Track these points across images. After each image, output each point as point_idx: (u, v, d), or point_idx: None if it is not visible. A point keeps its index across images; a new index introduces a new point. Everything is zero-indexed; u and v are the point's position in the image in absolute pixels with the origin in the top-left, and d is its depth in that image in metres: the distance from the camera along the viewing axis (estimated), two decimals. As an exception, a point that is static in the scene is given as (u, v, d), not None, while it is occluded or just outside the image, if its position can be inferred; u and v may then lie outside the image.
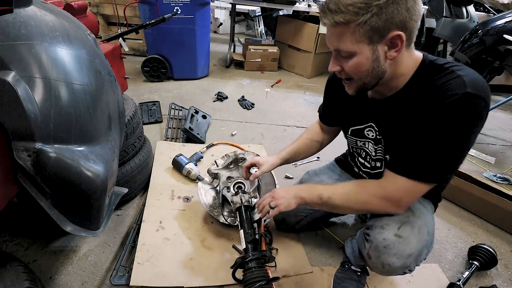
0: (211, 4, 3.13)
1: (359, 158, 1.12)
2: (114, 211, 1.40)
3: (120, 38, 2.33)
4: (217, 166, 1.36)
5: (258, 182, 1.34)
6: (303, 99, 3.05)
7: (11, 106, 0.64)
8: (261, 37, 4.75)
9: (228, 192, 1.28)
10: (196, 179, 1.58)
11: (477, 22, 3.29)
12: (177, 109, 2.33)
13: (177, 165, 1.63)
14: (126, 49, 2.65)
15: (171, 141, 1.98)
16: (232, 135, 2.21)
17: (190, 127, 2.00)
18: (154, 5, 2.63)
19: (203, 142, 2.02)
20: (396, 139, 0.90)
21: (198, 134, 2.01)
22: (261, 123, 2.45)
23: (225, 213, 1.29)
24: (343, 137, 1.16)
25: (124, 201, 1.46)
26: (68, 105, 0.73)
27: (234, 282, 1.05)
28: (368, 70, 0.79)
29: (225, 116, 2.50)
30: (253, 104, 2.76)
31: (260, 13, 4.94)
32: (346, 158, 1.28)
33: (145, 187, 1.55)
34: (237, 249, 1.25)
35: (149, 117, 2.26)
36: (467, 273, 1.25)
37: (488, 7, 3.86)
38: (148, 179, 1.57)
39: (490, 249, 1.30)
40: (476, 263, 1.29)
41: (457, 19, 3.37)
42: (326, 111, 1.19)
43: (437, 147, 0.78)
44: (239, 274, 1.03)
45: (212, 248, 1.25)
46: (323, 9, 0.76)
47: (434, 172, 0.81)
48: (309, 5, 3.35)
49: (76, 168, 0.73)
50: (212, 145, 1.95)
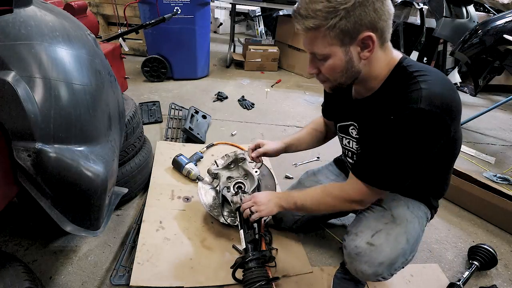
0: (211, 4, 3.13)
1: (347, 158, 1.15)
2: (114, 211, 1.40)
3: (120, 38, 2.34)
4: (217, 166, 1.36)
5: (258, 183, 1.33)
6: (303, 99, 3.05)
7: (11, 106, 0.64)
8: (261, 37, 4.75)
9: (228, 192, 1.28)
10: (196, 179, 1.58)
11: (477, 22, 3.29)
12: (177, 109, 2.33)
13: (177, 165, 1.63)
14: (126, 49, 2.65)
15: (171, 141, 1.98)
16: (232, 135, 2.21)
17: (190, 127, 2.00)
18: (154, 5, 2.63)
19: (203, 142, 2.02)
20: (368, 140, 0.94)
21: (198, 134, 2.01)
22: (261, 123, 2.45)
23: (225, 213, 1.29)
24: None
25: (124, 201, 1.46)
26: (68, 105, 0.73)
27: (234, 282, 1.05)
28: (343, 71, 0.82)
29: (225, 116, 2.50)
30: (253, 104, 2.76)
31: (260, 13, 4.94)
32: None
33: (145, 187, 1.55)
34: (237, 249, 1.25)
35: (149, 117, 2.26)
36: (467, 273, 1.25)
37: (488, 7, 3.86)
38: (148, 179, 1.57)
39: (490, 249, 1.30)
40: (476, 263, 1.29)
41: (457, 19, 3.38)
42: (325, 106, 1.23)
43: (387, 157, 0.82)
44: (239, 274, 1.03)
45: (212, 248, 1.25)
46: (295, 15, 0.79)
47: (385, 180, 0.86)
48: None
49: (76, 168, 0.73)
50: (212, 145, 1.95)
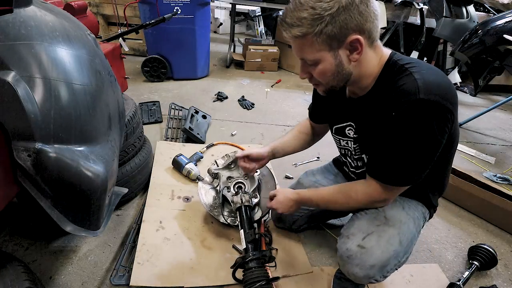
0: (211, 4, 3.13)
1: (345, 158, 1.15)
2: (114, 211, 1.40)
3: (120, 38, 2.33)
4: (218, 166, 1.36)
5: (259, 182, 1.34)
6: (303, 99, 3.05)
7: (11, 106, 0.64)
8: (261, 37, 4.75)
9: (229, 192, 1.28)
10: (196, 179, 1.58)
11: (477, 22, 3.29)
12: (177, 109, 2.33)
13: (177, 165, 1.63)
14: (126, 49, 2.65)
15: (171, 141, 1.98)
16: (232, 135, 2.21)
17: (190, 127, 2.00)
18: (154, 5, 2.63)
19: (203, 142, 2.02)
20: (368, 139, 0.95)
21: (198, 134, 2.01)
22: (261, 123, 2.45)
23: (225, 213, 1.29)
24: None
25: (124, 201, 1.46)
26: (68, 105, 0.73)
27: (234, 282, 1.05)
28: (334, 74, 0.83)
29: (225, 116, 2.50)
30: (253, 104, 2.76)
31: (260, 13, 4.94)
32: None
33: (145, 187, 1.55)
34: (237, 249, 1.25)
35: (149, 117, 2.26)
36: (467, 273, 1.25)
37: (488, 7, 3.86)
38: (148, 179, 1.57)
39: (490, 249, 1.30)
40: (476, 263, 1.29)
41: (457, 19, 3.38)
42: (314, 109, 1.22)
43: (400, 155, 0.82)
44: (239, 274, 1.03)
45: (212, 248, 1.25)
46: (281, 23, 0.80)
47: (404, 178, 0.86)
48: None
49: (76, 168, 0.73)
50: (212, 145, 1.95)
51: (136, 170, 1.44)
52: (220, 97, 2.80)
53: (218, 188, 1.32)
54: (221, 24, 5.67)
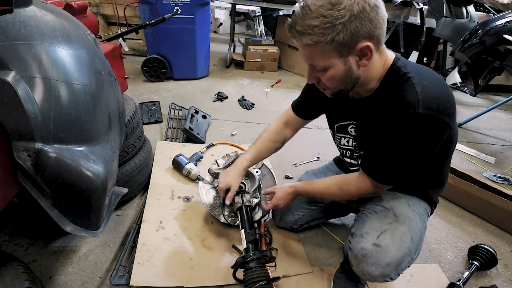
0: (211, 4, 3.13)
1: (346, 158, 1.16)
2: (114, 211, 1.40)
3: (120, 38, 2.33)
4: (218, 166, 1.36)
5: (259, 182, 1.34)
6: (303, 99, 3.05)
7: (11, 106, 0.64)
8: (261, 37, 4.75)
9: (229, 192, 1.28)
10: (196, 179, 1.58)
11: (477, 22, 3.29)
12: (177, 109, 2.33)
13: (177, 165, 1.63)
14: (126, 49, 2.65)
15: (171, 141, 1.98)
16: (232, 135, 2.21)
17: (190, 127, 2.00)
18: (154, 5, 2.63)
19: (203, 142, 2.02)
20: (367, 137, 0.99)
21: (198, 134, 2.01)
22: (261, 123, 2.45)
23: (226, 213, 1.29)
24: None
25: (124, 201, 1.46)
26: (68, 105, 0.73)
27: (235, 282, 1.05)
28: (342, 79, 0.84)
29: (225, 116, 2.50)
30: (253, 104, 2.76)
31: (260, 13, 4.94)
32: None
33: (145, 187, 1.55)
34: (238, 249, 1.25)
35: (149, 117, 2.26)
36: (467, 273, 1.25)
37: (488, 7, 3.86)
38: (148, 179, 1.57)
39: (490, 249, 1.30)
40: (476, 263, 1.29)
41: (457, 19, 3.38)
42: (306, 106, 1.21)
43: (394, 159, 0.87)
44: (240, 274, 1.03)
45: (212, 248, 1.25)
46: (291, 30, 0.79)
47: (393, 179, 0.92)
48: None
49: (76, 168, 0.73)
50: (212, 145, 1.95)
51: (136, 170, 1.44)
52: (220, 97, 2.80)
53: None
54: (221, 24, 5.67)
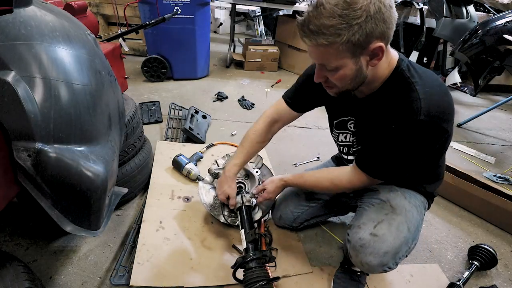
0: (211, 4, 3.13)
1: (344, 155, 1.17)
2: (114, 211, 1.40)
3: (120, 38, 2.33)
4: (218, 166, 1.36)
5: (259, 182, 1.34)
6: (303, 99, 3.05)
7: (11, 106, 0.64)
8: (261, 37, 4.75)
9: (229, 192, 1.27)
10: (196, 179, 1.58)
11: (477, 22, 3.29)
12: (177, 109, 2.33)
13: (177, 165, 1.63)
14: (126, 49, 2.65)
15: (171, 141, 1.98)
16: (232, 135, 2.21)
17: (190, 127, 2.00)
18: (154, 5, 2.63)
19: (203, 142, 2.02)
20: (366, 133, 1.01)
21: (198, 134, 2.01)
22: (261, 123, 2.45)
23: (226, 213, 1.29)
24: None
25: (124, 201, 1.46)
26: (68, 105, 0.73)
27: (235, 282, 1.05)
28: (352, 79, 0.84)
29: (225, 116, 2.50)
30: (253, 104, 2.76)
31: (260, 13, 4.94)
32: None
33: (145, 187, 1.55)
34: (237, 249, 1.25)
35: (149, 117, 2.26)
36: (467, 273, 1.25)
37: (488, 7, 3.86)
38: (148, 179, 1.57)
39: (490, 249, 1.30)
40: (476, 263, 1.29)
41: (457, 19, 3.38)
42: (301, 99, 1.22)
43: (390, 158, 0.90)
44: (240, 274, 1.03)
45: (212, 248, 1.25)
46: (303, 29, 0.77)
47: (387, 175, 0.96)
48: (309, 5, 3.34)
49: (76, 168, 0.73)
50: (212, 145, 1.95)
51: (136, 170, 1.44)
52: (220, 97, 2.80)
53: (218, 188, 1.32)
54: (221, 24, 5.67)
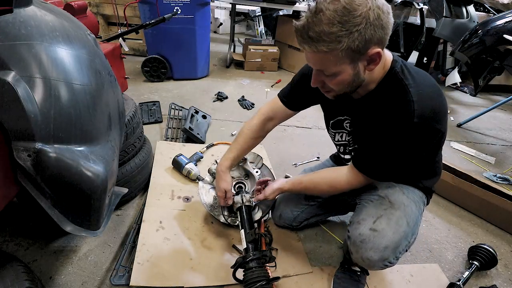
0: (211, 4, 3.13)
1: (341, 154, 1.19)
2: (114, 211, 1.40)
3: (120, 38, 2.33)
4: (217, 166, 1.36)
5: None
6: (303, 99, 3.05)
7: (11, 106, 0.64)
8: (261, 37, 4.75)
9: (229, 192, 1.28)
10: (196, 179, 1.58)
11: (477, 22, 3.29)
12: (177, 109, 2.33)
13: (177, 165, 1.63)
14: (126, 49, 2.65)
15: (171, 141, 1.98)
16: (232, 135, 2.21)
17: (190, 127, 2.00)
18: (154, 5, 2.63)
19: (203, 142, 2.02)
20: (361, 133, 1.02)
21: (198, 134, 2.01)
22: (261, 123, 2.45)
23: (226, 213, 1.29)
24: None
25: (124, 201, 1.46)
26: (68, 105, 0.73)
27: (235, 282, 1.05)
28: (350, 83, 0.85)
29: (225, 116, 2.50)
30: (253, 104, 2.76)
31: (260, 13, 4.95)
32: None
33: (145, 187, 1.55)
34: (237, 249, 1.25)
35: (149, 117, 2.26)
36: (467, 273, 1.25)
37: (488, 7, 3.86)
38: (148, 179, 1.57)
39: (490, 249, 1.30)
40: (476, 263, 1.29)
41: (457, 19, 3.38)
42: (297, 98, 1.19)
43: (386, 159, 0.92)
44: (240, 274, 1.03)
45: (212, 248, 1.25)
46: (302, 36, 0.77)
47: (383, 175, 0.99)
48: (309, 5, 3.35)
49: (76, 168, 0.73)
50: (212, 145, 1.95)
51: (136, 170, 1.44)
52: (220, 97, 2.80)
53: (218, 188, 1.32)
54: (221, 24, 5.67)
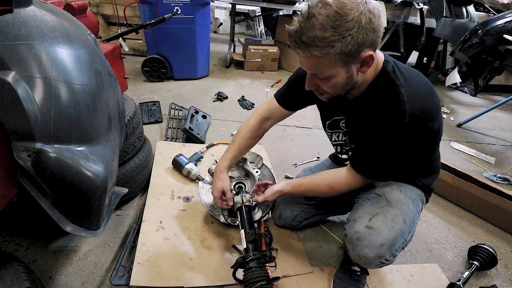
0: (211, 4, 3.13)
1: (338, 154, 1.20)
2: (114, 211, 1.40)
3: (120, 38, 2.33)
4: (217, 166, 1.35)
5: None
6: (303, 99, 3.05)
7: (11, 106, 0.64)
8: (261, 37, 4.75)
9: (229, 192, 1.27)
10: (196, 179, 1.58)
11: (477, 22, 3.29)
12: (177, 109, 2.33)
13: (177, 165, 1.63)
14: (126, 49, 2.65)
15: (171, 141, 1.98)
16: (232, 135, 2.20)
17: (190, 127, 2.00)
18: (154, 5, 2.63)
19: (203, 142, 2.02)
20: (356, 133, 1.04)
21: (198, 134, 2.01)
22: (261, 123, 2.45)
23: (226, 213, 1.29)
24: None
25: (124, 201, 1.46)
26: (68, 105, 0.73)
27: (235, 282, 1.05)
28: (343, 86, 0.86)
29: (225, 116, 2.50)
30: (253, 104, 2.76)
31: (260, 13, 4.94)
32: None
33: (145, 187, 1.55)
34: (237, 249, 1.25)
35: (149, 117, 2.26)
36: (467, 273, 1.25)
37: (488, 7, 3.86)
38: (148, 179, 1.57)
39: (490, 249, 1.30)
40: (476, 263, 1.29)
41: (457, 19, 3.38)
42: (293, 98, 1.19)
43: (382, 159, 0.93)
44: (240, 274, 1.03)
45: (212, 248, 1.25)
46: (296, 41, 0.78)
47: (380, 175, 0.99)
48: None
49: (76, 168, 0.73)
50: (212, 145, 1.95)
51: (136, 170, 1.44)
52: (220, 97, 2.80)
53: (218, 188, 1.32)
54: (221, 24, 5.67)
